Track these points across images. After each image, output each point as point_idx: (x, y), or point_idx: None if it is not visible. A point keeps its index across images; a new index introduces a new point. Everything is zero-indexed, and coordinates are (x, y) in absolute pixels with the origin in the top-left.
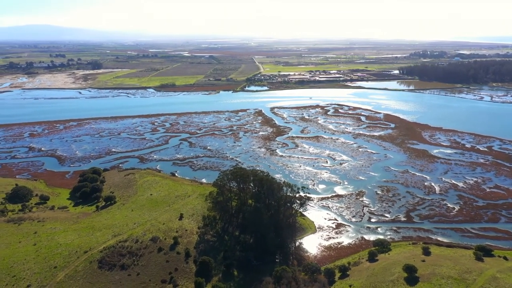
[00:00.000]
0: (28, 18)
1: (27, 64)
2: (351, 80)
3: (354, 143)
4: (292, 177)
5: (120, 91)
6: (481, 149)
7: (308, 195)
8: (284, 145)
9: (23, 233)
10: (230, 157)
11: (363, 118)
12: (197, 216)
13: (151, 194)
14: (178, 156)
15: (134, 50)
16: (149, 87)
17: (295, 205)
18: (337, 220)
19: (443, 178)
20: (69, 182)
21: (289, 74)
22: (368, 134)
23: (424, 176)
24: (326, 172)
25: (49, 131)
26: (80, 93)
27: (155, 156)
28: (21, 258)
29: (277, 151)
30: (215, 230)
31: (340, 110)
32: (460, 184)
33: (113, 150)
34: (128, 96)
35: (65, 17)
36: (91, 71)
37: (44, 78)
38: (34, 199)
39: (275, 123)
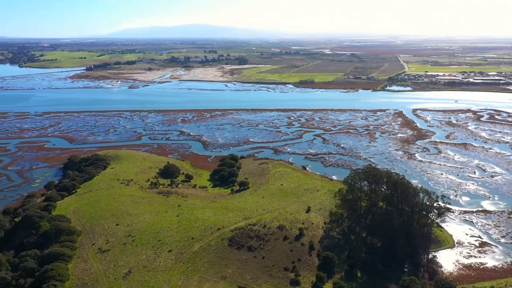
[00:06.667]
0: (188, 18)
1: (185, 59)
2: None
3: None
4: (431, 185)
5: (262, 85)
6: None
7: (448, 205)
8: (424, 149)
9: (170, 204)
10: (364, 156)
11: None
12: (324, 211)
13: (281, 184)
14: (311, 151)
15: (278, 47)
16: (289, 83)
17: (431, 214)
18: (482, 238)
19: None
20: (210, 165)
21: (437, 75)
22: None
23: None
24: (472, 184)
25: (197, 118)
26: (226, 86)
27: (288, 149)
28: (166, 226)
29: (416, 155)
30: (341, 228)
31: (496, 117)
32: None
33: (251, 140)
34: (268, 91)
35: (219, 17)
36: (238, 66)
37: (198, 71)
38: (181, 176)
39: (417, 125)
